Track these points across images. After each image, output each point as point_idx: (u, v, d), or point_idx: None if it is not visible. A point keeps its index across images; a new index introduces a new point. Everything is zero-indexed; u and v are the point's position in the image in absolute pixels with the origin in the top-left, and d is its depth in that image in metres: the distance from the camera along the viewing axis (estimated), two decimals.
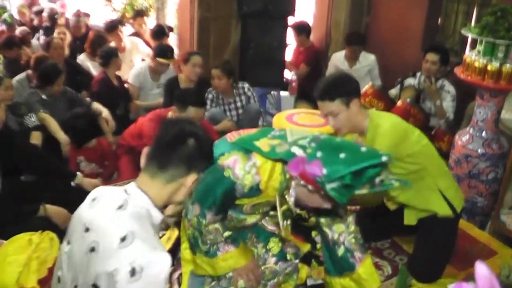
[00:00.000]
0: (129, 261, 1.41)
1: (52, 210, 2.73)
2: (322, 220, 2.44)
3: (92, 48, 5.31)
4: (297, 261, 2.51)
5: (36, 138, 3.58)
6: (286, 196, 2.05)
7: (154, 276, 1.44)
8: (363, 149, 1.83)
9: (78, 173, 3.02)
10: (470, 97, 3.92)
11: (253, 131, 2.19)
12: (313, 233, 2.99)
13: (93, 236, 1.51)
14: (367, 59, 5.36)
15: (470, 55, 3.44)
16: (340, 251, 2.40)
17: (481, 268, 0.95)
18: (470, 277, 2.50)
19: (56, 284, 1.70)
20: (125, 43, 5.70)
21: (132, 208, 1.57)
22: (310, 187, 1.82)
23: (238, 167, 2.01)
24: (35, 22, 6.90)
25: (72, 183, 2.99)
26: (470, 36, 3.48)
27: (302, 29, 5.82)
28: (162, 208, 1.71)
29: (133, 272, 1.40)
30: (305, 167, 1.77)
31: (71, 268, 1.59)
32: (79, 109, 3.97)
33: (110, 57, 4.57)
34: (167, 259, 1.47)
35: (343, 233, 2.40)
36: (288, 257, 2.48)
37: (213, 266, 2.25)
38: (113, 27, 5.67)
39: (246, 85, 4.58)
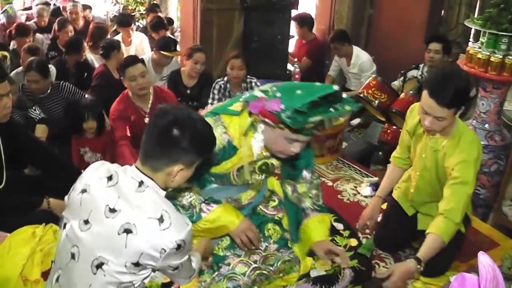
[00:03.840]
0: (173, 240, 1.59)
1: (56, 203, 2.72)
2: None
3: (93, 41, 5.28)
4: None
5: (41, 131, 3.56)
6: (253, 138, 2.10)
7: (190, 243, 1.69)
8: (317, 84, 2.00)
9: (83, 170, 2.99)
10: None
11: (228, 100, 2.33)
12: None
13: (124, 217, 1.59)
14: (360, 59, 5.18)
15: (473, 47, 3.44)
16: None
17: (484, 258, 0.96)
18: (472, 269, 2.51)
19: (57, 269, 1.73)
20: (132, 38, 5.71)
21: (150, 186, 1.66)
22: (268, 121, 1.94)
23: None
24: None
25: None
26: (473, 28, 3.47)
27: (304, 21, 5.74)
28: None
29: (178, 247, 1.60)
30: (265, 104, 1.91)
31: (90, 248, 1.62)
32: (89, 98, 3.96)
33: (111, 50, 4.53)
34: (191, 226, 1.67)
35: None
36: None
37: (210, 232, 2.25)
38: (127, 22, 5.69)
39: (255, 80, 4.40)
